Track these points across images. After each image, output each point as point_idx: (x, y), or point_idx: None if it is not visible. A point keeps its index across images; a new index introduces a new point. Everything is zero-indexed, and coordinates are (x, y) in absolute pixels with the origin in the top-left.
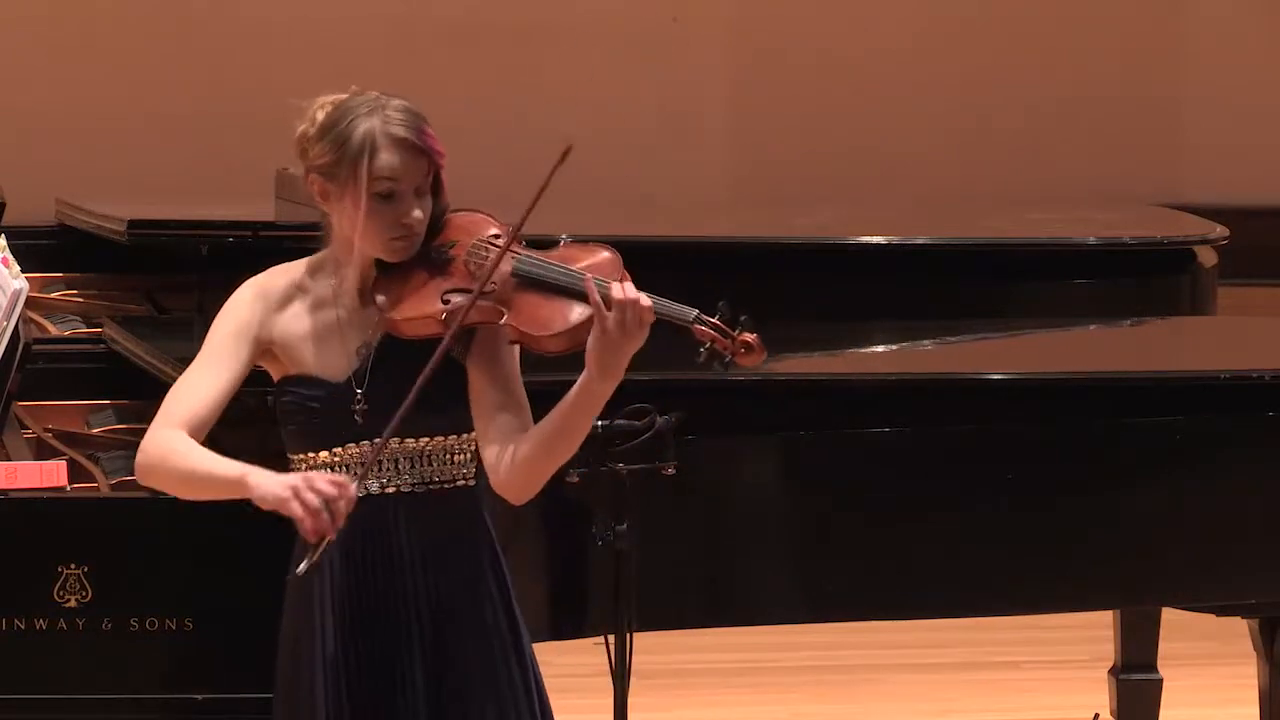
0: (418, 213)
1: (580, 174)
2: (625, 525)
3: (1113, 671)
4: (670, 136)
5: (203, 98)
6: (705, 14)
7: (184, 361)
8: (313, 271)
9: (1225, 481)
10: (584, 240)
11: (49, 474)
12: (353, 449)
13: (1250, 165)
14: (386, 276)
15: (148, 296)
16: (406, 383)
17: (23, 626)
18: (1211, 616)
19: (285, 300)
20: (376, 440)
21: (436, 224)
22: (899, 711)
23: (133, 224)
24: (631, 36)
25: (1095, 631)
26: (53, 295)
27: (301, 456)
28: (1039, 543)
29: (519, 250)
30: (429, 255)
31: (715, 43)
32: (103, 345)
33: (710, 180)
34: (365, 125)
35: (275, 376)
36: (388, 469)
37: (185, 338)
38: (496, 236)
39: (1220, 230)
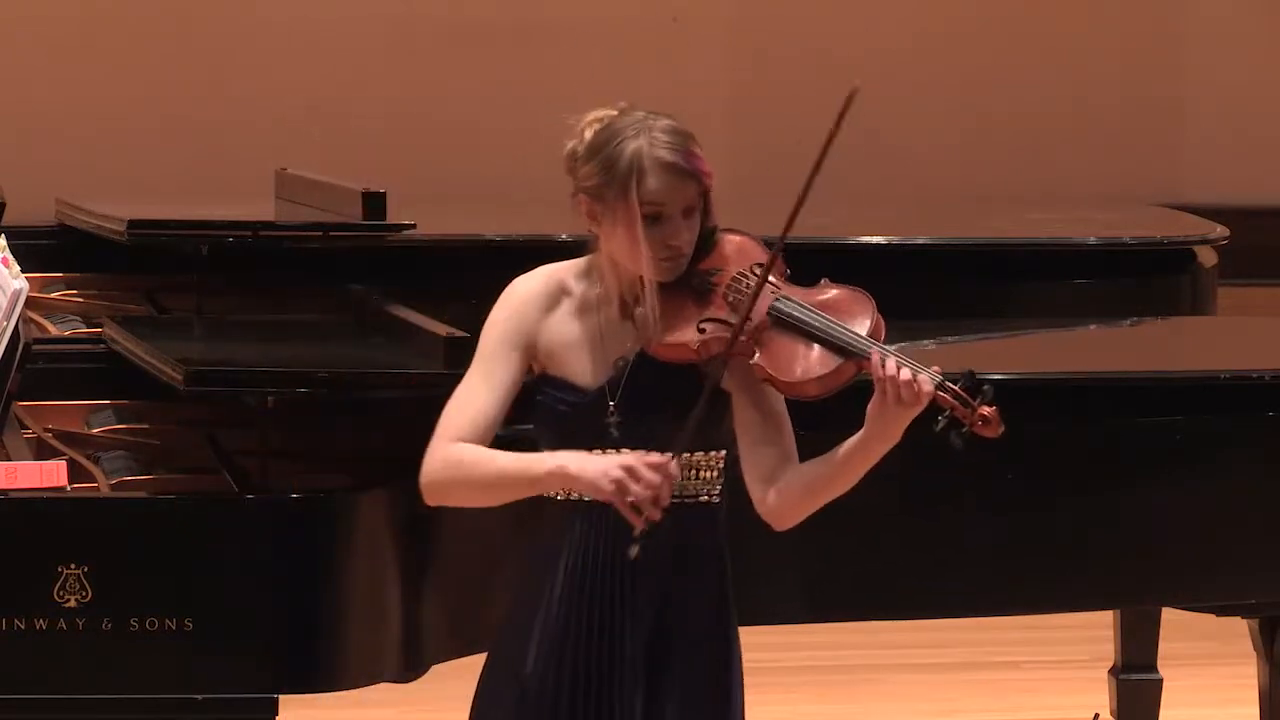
0: (686, 234)
1: None
2: None
3: (1113, 671)
4: None
5: (203, 98)
6: (705, 14)
7: (184, 361)
8: (580, 275)
9: (1225, 481)
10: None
11: (49, 474)
12: (599, 455)
13: (1250, 165)
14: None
15: (148, 296)
16: (657, 399)
17: (23, 626)
18: (1211, 616)
19: (553, 303)
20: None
21: (706, 243)
22: (899, 711)
23: (133, 224)
24: (631, 36)
25: (1095, 631)
26: (53, 295)
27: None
28: (1039, 543)
29: (779, 286)
30: (693, 280)
31: (715, 43)
32: (103, 345)
33: None
34: (633, 147)
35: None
36: None
37: (185, 338)
38: (760, 265)
39: (1220, 230)
